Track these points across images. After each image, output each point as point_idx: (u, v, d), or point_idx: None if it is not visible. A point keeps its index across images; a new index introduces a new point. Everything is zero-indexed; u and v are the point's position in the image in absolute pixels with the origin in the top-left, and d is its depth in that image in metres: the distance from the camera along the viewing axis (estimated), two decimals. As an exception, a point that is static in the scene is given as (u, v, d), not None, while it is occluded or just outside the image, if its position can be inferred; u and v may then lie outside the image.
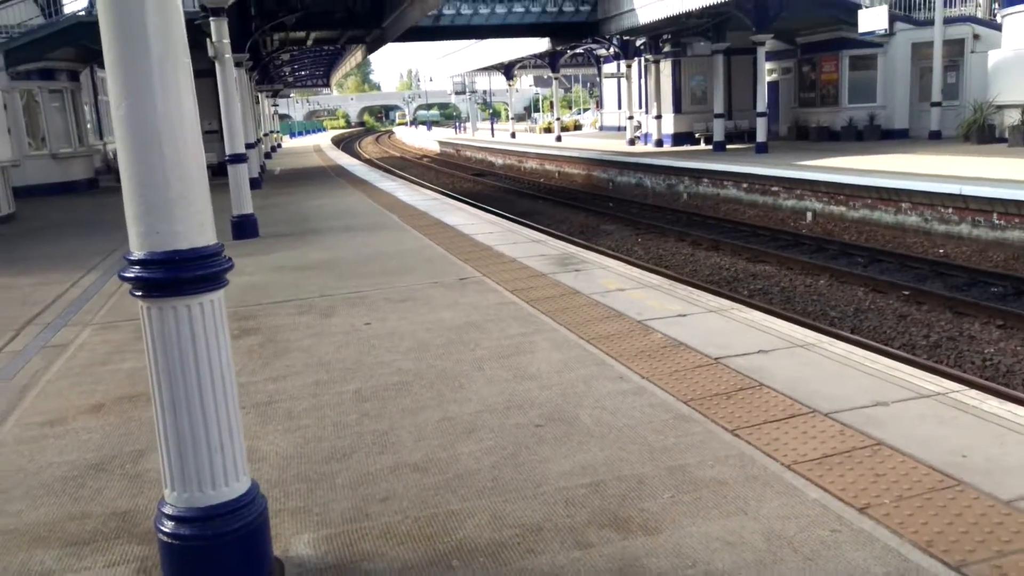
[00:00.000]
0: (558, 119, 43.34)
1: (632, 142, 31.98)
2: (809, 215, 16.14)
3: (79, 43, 19.82)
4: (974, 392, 3.95)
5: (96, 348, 5.92)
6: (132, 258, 2.46)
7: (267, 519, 2.77)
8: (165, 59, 2.38)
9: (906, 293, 9.87)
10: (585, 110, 73.25)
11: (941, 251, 12.52)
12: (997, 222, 12.15)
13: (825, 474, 3.19)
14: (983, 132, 20.53)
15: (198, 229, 2.48)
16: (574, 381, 4.51)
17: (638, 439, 3.65)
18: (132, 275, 2.45)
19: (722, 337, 5.13)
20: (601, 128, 49.44)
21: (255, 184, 16.04)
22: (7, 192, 15.35)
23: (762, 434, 3.60)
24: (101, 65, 24.41)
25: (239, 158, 11.58)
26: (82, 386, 5.04)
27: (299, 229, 12.00)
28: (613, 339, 5.24)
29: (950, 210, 12.96)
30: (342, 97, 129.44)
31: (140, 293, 2.48)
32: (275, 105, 59.76)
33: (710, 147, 25.74)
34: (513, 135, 49.08)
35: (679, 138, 29.18)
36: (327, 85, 52.09)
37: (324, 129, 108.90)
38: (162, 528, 2.61)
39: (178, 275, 2.44)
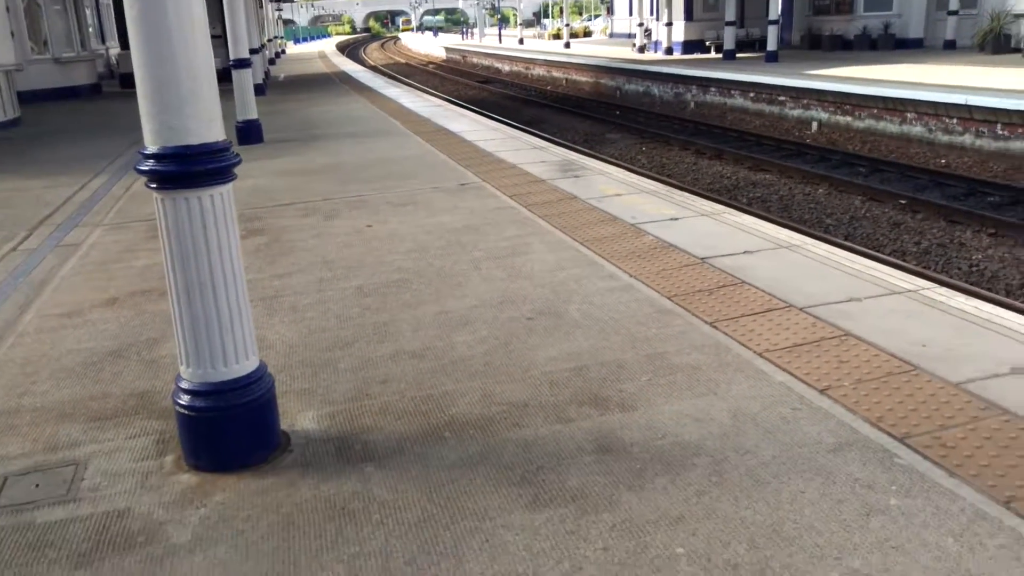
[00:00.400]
0: (567, 25, 42.49)
1: (642, 50, 31.45)
2: (815, 125, 16.08)
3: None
4: (943, 289, 4.15)
5: (108, 247, 6.14)
6: (146, 152, 2.63)
7: (274, 396, 3.02)
8: (172, -42, 2.50)
9: (902, 202, 9.98)
10: (596, 16, 71.53)
11: (943, 161, 12.55)
12: (1001, 132, 12.14)
13: (793, 360, 3.42)
14: (998, 42, 20.16)
15: (207, 125, 2.64)
16: (566, 280, 4.72)
17: (621, 330, 3.88)
18: (147, 168, 2.63)
19: (711, 239, 5.31)
20: (611, 35, 48.46)
21: (259, 90, 15.95)
22: (12, 96, 15.36)
23: (739, 326, 3.83)
24: (102, -34, 24.06)
25: (243, 63, 11.55)
26: (96, 282, 5.27)
27: (303, 135, 12.07)
28: (606, 241, 5.43)
29: (955, 120, 12.92)
30: (347, 2, 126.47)
31: (155, 185, 2.66)
32: (279, 10, 58.50)
33: (720, 55, 25.34)
34: (521, 41, 48.19)
35: (689, 46, 28.65)
36: (331, -11, 50.75)
37: (329, 35, 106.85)
38: (179, 401, 2.86)
39: (189, 169, 2.62)
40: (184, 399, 2.85)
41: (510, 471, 2.76)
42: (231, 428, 2.86)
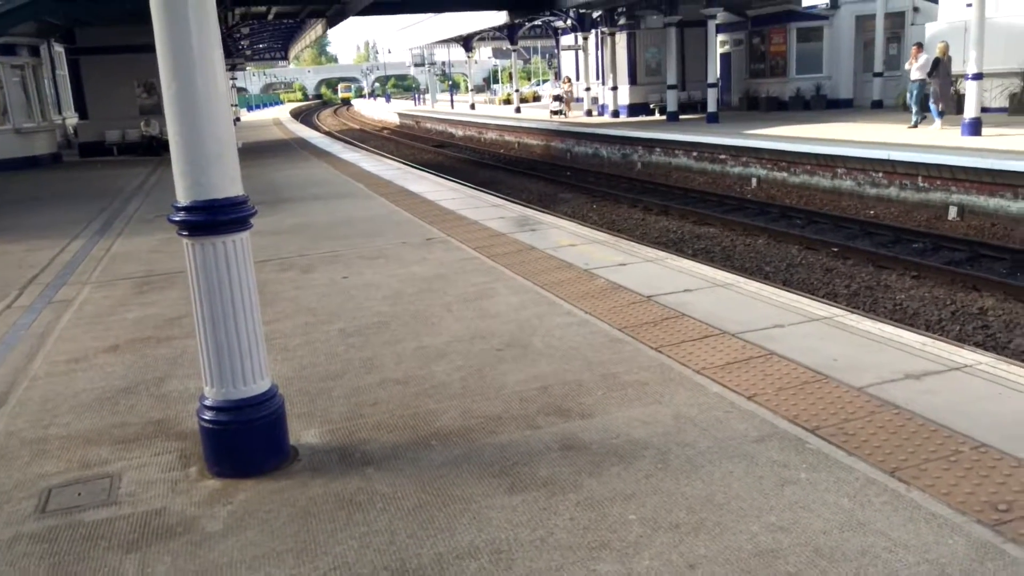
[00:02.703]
0: (517, 91, 43.89)
1: (589, 113, 32.72)
2: (754, 181, 17.06)
3: (40, 18, 19.97)
4: (855, 316, 4.81)
5: (99, 302, 6.56)
6: (179, 205, 3.16)
7: (285, 412, 3.51)
8: (203, 47, 3.06)
9: (835, 250, 10.80)
10: (544, 81, 73.65)
11: (871, 212, 13.50)
12: (922, 184, 13.14)
13: (726, 375, 4.02)
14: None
15: (230, 182, 3.19)
16: (529, 317, 5.29)
17: (579, 356, 4.45)
18: (179, 219, 3.16)
19: (655, 280, 5.95)
20: (559, 99, 49.96)
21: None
22: (-22, 166, 15.67)
23: (680, 350, 4.42)
24: (59, 40, 24.53)
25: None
26: (95, 332, 5.70)
27: (270, 198, 12.58)
28: (563, 284, 6.03)
29: (880, 174, 13.93)
30: (299, 70, 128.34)
31: (186, 233, 3.19)
32: (233, 79, 59.36)
33: (664, 117, 26.57)
34: (473, 107, 49.49)
35: (634, 109, 29.92)
36: (285, 58, 51.93)
37: (281, 102, 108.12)
38: (203, 417, 3.34)
39: (216, 218, 3.16)
40: (208, 415, 3.33)
41: (490, 467, 3.28)
42: (250, 439, 3.34)
